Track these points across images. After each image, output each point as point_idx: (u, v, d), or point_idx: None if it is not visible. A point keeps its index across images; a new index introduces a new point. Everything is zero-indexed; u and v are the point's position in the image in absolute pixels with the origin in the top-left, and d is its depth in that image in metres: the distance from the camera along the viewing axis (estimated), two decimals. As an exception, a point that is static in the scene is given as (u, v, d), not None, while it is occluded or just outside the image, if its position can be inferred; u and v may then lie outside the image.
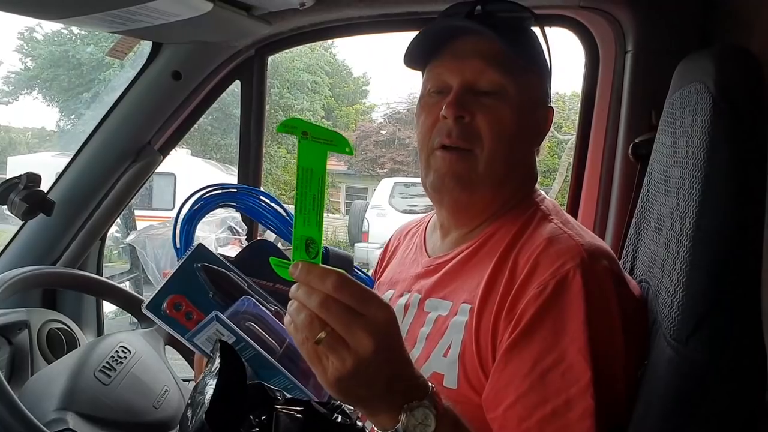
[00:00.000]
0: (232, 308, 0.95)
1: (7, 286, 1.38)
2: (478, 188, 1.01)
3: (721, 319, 0.75)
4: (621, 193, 1.47)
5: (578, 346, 0.83)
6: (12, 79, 16.04)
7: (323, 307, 0.67)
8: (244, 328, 0.92)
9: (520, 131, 1.01)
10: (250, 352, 0.90)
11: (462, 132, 0.99)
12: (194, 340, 0.93)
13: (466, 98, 0.99)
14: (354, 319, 0.68)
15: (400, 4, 1.49)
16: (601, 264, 0.89)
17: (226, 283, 0.99)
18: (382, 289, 1.18)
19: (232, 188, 1.18)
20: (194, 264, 0.98)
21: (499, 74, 0.99)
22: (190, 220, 1.13)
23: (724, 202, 0.76)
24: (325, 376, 0.70)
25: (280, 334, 0.94)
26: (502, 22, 1.01)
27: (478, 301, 0.94)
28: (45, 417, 1.21)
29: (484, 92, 0.99)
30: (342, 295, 0.68)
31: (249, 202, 1.18)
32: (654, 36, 1.40)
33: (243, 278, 1.02)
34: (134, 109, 1.64)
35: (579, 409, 0.81)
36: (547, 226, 0.97)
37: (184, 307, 0.95)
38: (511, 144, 1.00)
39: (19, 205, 1.39)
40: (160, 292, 0.96)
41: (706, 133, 0.79)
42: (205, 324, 0.91)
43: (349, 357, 0.68)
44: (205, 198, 1.14)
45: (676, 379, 0.78)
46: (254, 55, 1.65)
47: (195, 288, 0.97)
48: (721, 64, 0.82)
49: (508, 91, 0.99)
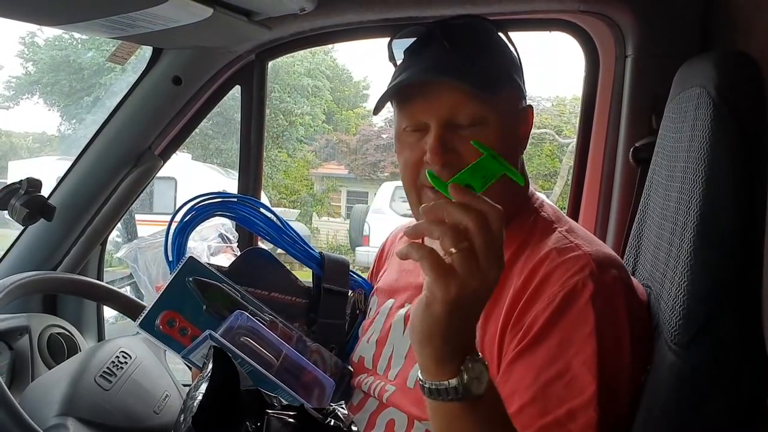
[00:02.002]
0: (226, 324, 0.94)
1: (8, 291, 1.38)
2: None
3: (722, 324, 0.75)
4: (622, 198, 1.47)
5: (584, 358, 0.82)
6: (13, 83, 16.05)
7: (480, 220, 0.69)
8: (239, 343, 0.91)
9: (507, 151, 0.96)
10: (247, 367, 0.90)
11: (451, 174, 0.95)
12: (189, 357, 0.93)
13: (447, 137, 0.95)
14: (496, 244, 0.70)
15: (399, 9, 1.49)
16: (610, 274, 0.88)
17: (219, 295, 0.99)
18: (381, 297, 1.17)
19: (220, 197, 1.17)
20: (186, 278, 0.98)
21: (476, 106, 0.94)
22: (182, 231, 1.12)
23: (725, 206, 0.76)
24: (445, 291, 0.69)
25: (276, 346, 0.94)
26: (464, 53, 0.97)
27: (483, 314, 0.92)
28: (46, 423, 1.20)
29: (465, 126, 0.95)
30: (495, 222, 0.70)
31: (241, 211, 1.17)
32: (654, 40, 1.40)
33: (236, 289, 1.02)
34: (135, 114, 1.64)
35: (581, 421, 0.80)
36: (553, 236, 0.95)
37: (178, 323, 0.95)
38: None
39: (20, 210, 1.39)
40: (153, 308, 0.95)
41: (706, 137, 0.78)
42: (200, 342, 0.91)
43: (478, 274, 0.69)
44: (197, 208, 1.13)
45: (678, 384, 0.77)
46: (254, 60, 1.65)
47: (188, 302, 0.97)
48: (722, 69, 0.82)
49: (488, 119, 0.95)
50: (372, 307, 1.19)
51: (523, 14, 1.56)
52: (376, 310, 1.16)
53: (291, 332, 1.00)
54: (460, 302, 0.70)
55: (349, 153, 15.82)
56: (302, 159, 15.99)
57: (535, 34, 1.06)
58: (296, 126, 15.44)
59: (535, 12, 1.55)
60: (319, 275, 1.19)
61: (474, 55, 0.98)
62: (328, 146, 16.31)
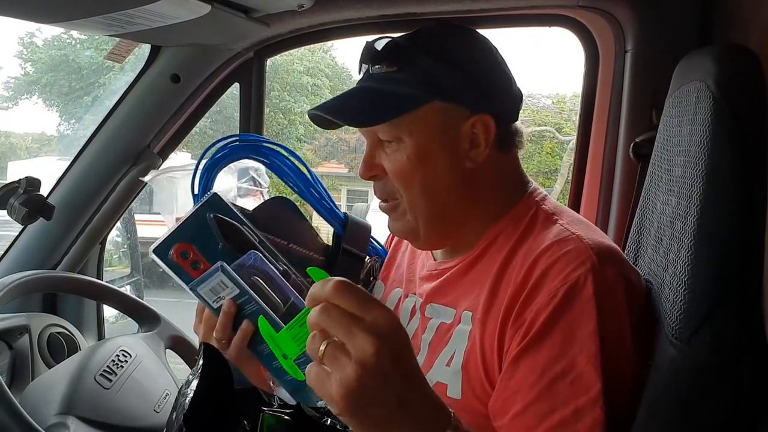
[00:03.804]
0: (238, 261, 0.93)
1: (8, 290, 1.38)
2: (431, 231, 1.00)
3: (723, 319, 0.74)
4: (622, 193, 1.47)
5: (588, 355, 0.81)
6: (12, 84, 16.04)
7: (324, 314, 0.66)
8: (249, 282, 0.90)
9: (428, 169, 0.96)
10: (252, 306, 0.89)
11: (380, 189, 1.01)
12: (197, 289, 0.92)
13: (375, 153, 0.99)
14: (354, 321, 0.65)
15: (398, 5, 1.48)
16: (612, 267, 0.87)
17: (236, 236, 0.97)
18: (390, 285, 1.17)
19: (257, 141, 1.17)
20: (207, 213, 0.97)
21: (384, 128, 0.96)
22: (211, 167, 1.11)
23: (725, 200, 0.75)
24: (331, 396, 0.65)
25: (285, 293, 0.93)
26: (378, 77, 0.99)
27: (482, 309, 0.92)
28: (46, 422, 1.21)
29: (386, 143, 0.98)
30: (341, 299, 0.66)
31: (273, 157, 1.17)
32: (654, 35, 1.40)
33: (256, 234, 1.00)
34: (133, 113, 1.64)
35: (588, 420, 0.80)
36: (553, 228, 0.94)
37: (191, 256, 0.94)
38: (424, 186, 0.97)
39: (19, 209, 1.39)
40: (169, 237, 0.94)
41: (706, 131, 0.78)
42: (210, 274, 0.90)
43: (351, 363, 0.64)
44: (230, 146, 1.12)
45: (679, 379, 0.77)
46: (253, 57, 1.64)
47: (205, 237, 0.95)
48: (721, 63, 0.81)
49: (401, 138, 0.96)
50: (377, 294, 1.18)
51: (522, 10, 1.56)
52: (383, 298, 1.15)
53: (302, 286, 1.00)
54: (356, 388, 0.64)
55: (349, 152, 15.82)
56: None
57: (536, 32, 1.04)
58: (296, 125, 15.44)
59: (534, 7, 1.55)
60: (341, 235, 1.18)
61: (385, 79, 0.98)
62: (327, 145, 16.32)
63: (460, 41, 1.01)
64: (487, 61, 1.01)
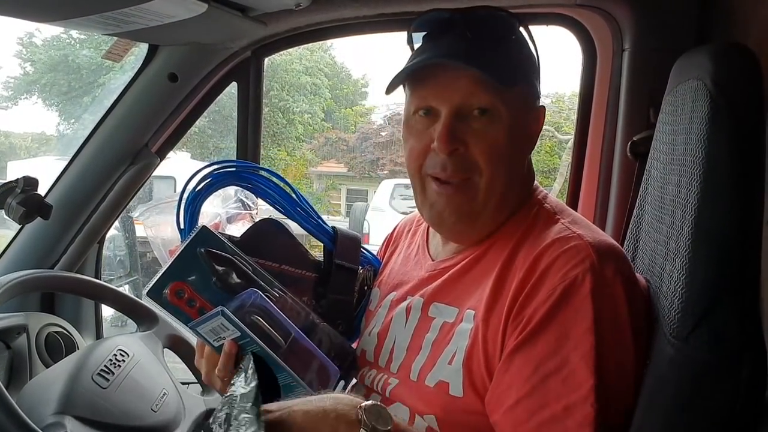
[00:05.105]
0: (238, 301, 0.93)
1: (5, 289, 1.38)
2: (480, 216, 0.99)
3: (721, 317, 0.74)
4: (620, 192, 1.47)
5: (582, 352, 0.82)
6: (11, 84, 16.04)
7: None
8: (249, 322, 0.90)
9: (515, 148, 0.97)
10: (254, 347, 0.89)
11: (457, 165, 0.95)
12: (197, 329, 0.92)
13: (457, 127, 0.94)
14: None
15: (396, 4, 1.48)
16: (611, 266, 0.87)
17: (229, 268, 0.97)
18: (384, 289, 1.17)
19: (234, 166, 1.16)
20: (197, 248, 0.96)
21: (489, 96, 0.93)
22: (195, 200, 1.11)
23: (723, 199, 0.75)
24: None
25: (285, 328, 0.93)
26: (483, 43, 0.96)
27: (484, 307, 0.92)
28: (43, 421, 1.20)
29: (475, 116, 0.94)
30: None
31: (256, 181, 1.16)
32: (651, 33, 1.40)
33: (248, 262, 1.00)
34: (131, 112, 1.64)
35: (578, 417, 0.80)
36: (555, 226, 0.94)
37: (186, 294, 0.94)
38: (509, 164, 0.97)
39: (17, 208, 1.38)
40: (162, 277, 0.94)
41: (704, 129, 0.78)
42: (210, 316, 0.90)
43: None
44: (212, 175, 1.12)
45: (677, 377, 0.77)
46: (250, 56, 1.64)
47: (198, 273, 0.95)
48: (719, 61, 0.81)
49: (499, 111, 0.94)
50: (374, 300, 1.18)
51: (519, 9, 1.56)
52: (378, 302, 1.15)
53: (299, 308, 0.99)
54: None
55: (348, 151, 15.83)
56: (301, 157, 15.99)
57: (534, 31, 1.04)
58: (295, 124, 15.45)
59: (531, 6, 1.55)
60: (331, 250, 1.18)
61: (493, 46, 0.96)
62: (327, 144, 16.32)
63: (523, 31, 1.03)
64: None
